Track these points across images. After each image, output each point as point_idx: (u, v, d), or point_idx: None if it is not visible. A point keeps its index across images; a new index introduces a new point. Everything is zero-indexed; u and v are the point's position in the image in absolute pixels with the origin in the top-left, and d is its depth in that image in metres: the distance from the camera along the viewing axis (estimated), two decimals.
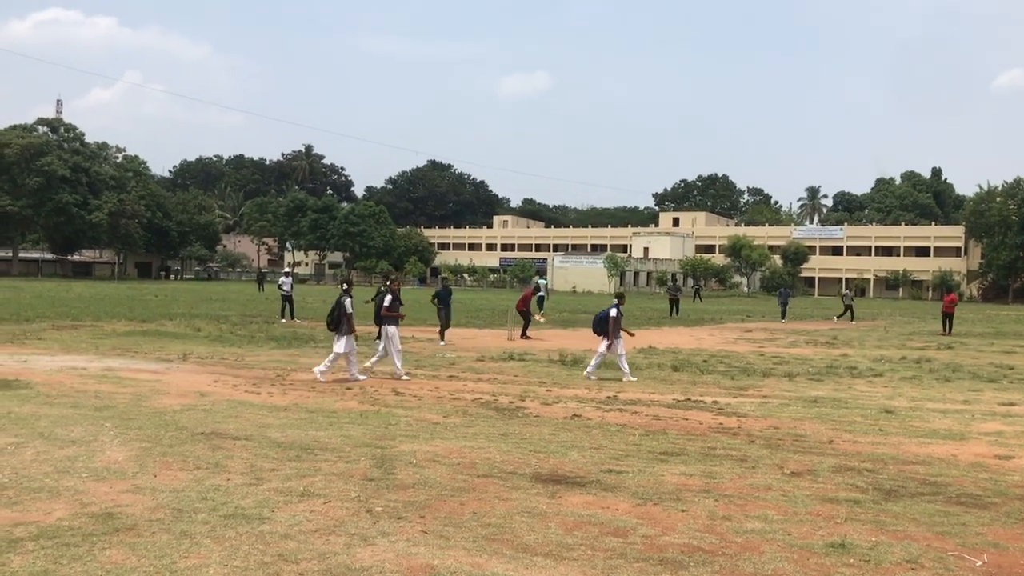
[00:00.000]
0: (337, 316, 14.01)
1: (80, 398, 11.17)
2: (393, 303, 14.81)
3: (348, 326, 13.91)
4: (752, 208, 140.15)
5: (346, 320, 13.93)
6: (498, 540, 5.63)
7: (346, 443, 8.68)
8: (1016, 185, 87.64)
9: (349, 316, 13.98)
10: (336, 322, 14.03)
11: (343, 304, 13.98)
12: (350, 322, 13.96)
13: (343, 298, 14.06)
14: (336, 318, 14.02)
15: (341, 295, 14.16)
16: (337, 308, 14.02)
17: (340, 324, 13.97)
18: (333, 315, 14.09)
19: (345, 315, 13.95)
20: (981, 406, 12.61)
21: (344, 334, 13.91)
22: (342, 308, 13.96)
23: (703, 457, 8.52)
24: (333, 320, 14.08)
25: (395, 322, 14.74)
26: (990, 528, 6.20)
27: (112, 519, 5.84)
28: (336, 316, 14.03)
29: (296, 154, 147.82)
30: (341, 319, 13.96)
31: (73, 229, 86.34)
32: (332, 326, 14.15)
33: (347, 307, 13.99)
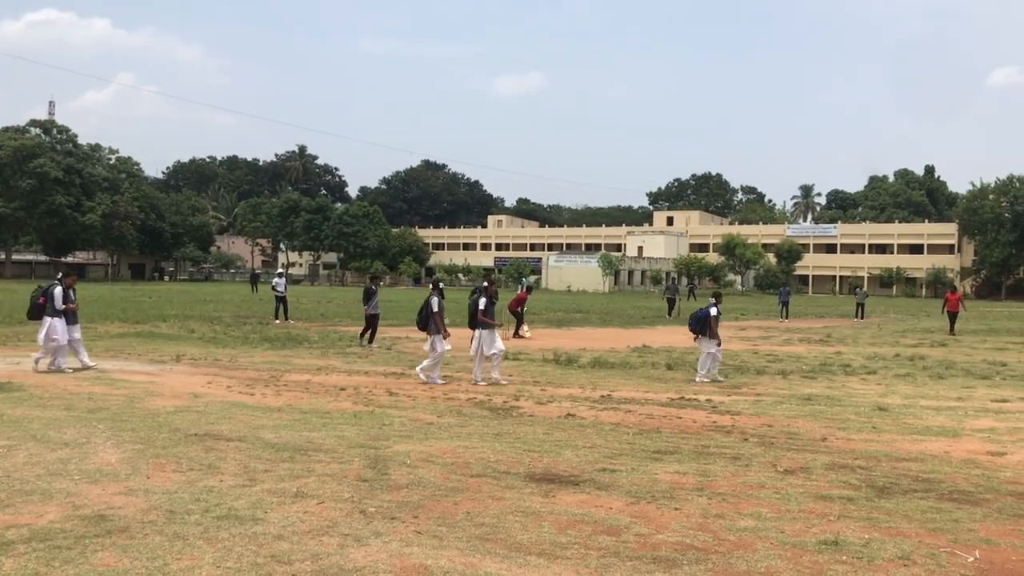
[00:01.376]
0: (425, 315, 13.77)
1: (73, 400, 11.14)
2: (488, 307, 14.08)
3: (436, 325, 13.64)
4: (746, 206, 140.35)
5: (434, 319, 13.64)
6: (492, 540, 5.63)
7: (340, 444, 8.68)
8: (1009, 183, 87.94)
9: (437, 315, 13.68)
10: (425, 321, 13.80)
11: (431, 303, 13.70)
12: (439, 321, 13.68)
13: (432, 297, 13.77)
14: (424, 317, 13.80)
15: (431, 294, 13.89)
16: (425, 307, 13.77)
17: (429, 323, 13.72)
18: (422, 314, 13.86)
19: (433, 314, 13.66)
20: (974, 403, 12.66)
21: (433, 333, 13.66)
22: (429, 307, 13.69)
23: (697, 455, 8.53)
24: (422, 320, 13.86)
25: (489, 326, 14.05)
26: (982, 524, 6.22)
27: (104, 521, 5.83)
28: (424, 315, 13.80)
29: (290, 155, 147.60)
30: (429, 318, 13.70)
31: (66, 231, 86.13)
32: (421, 325, 13.92)
33: (434, 306, 13.68)
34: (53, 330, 14.17)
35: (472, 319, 14.09)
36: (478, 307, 13.95)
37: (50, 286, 14.43)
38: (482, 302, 13.96)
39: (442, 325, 13.72)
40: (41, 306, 14.27)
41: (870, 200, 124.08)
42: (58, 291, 14.25)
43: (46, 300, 14.25)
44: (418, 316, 14.00)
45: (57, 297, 14.22)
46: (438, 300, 13.81)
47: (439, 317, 13.70)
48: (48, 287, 14.44)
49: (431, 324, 13.69)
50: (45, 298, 14.26)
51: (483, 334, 13.87)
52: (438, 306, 13.75)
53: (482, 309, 13.95)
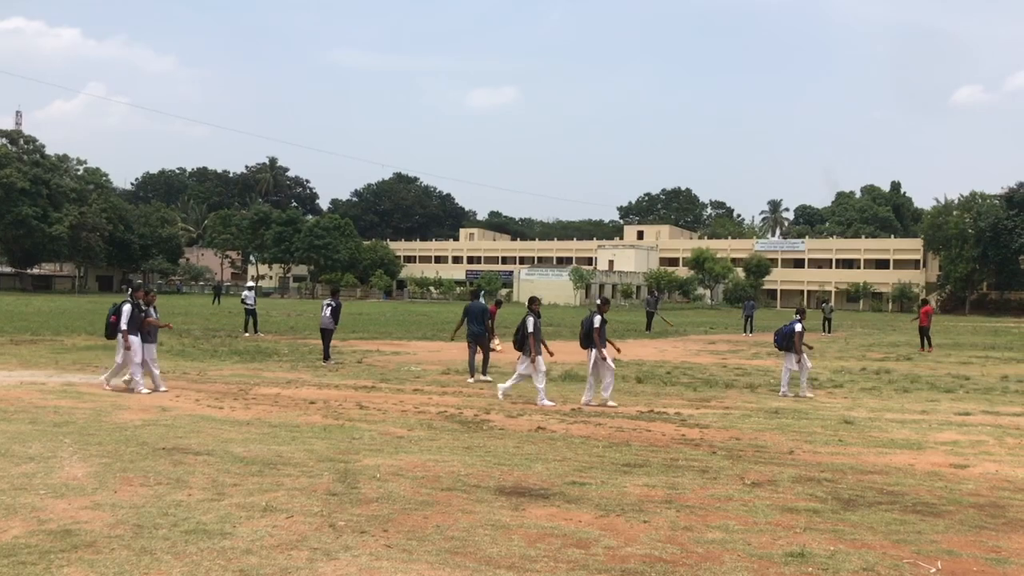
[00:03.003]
0: (522, 336, 13.40)
1: (39, 413, 11.01)
2: (603, 326, 13.49)
3: (532, 347, 13.21)
4: (715, 221, 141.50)
5: (530, 341, 13.23)
6: (461, 553, 5.64)
7: (309, 458, 8.65)
8: (972, 199, 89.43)
9: (532, 336, 13.25)
10: (521, 342, 13.44)
11: (527, 323, 13.33)
12: (534, 343, 13.25)
13: (528, 317, 13.39)
14: (521, 338, 13.42)
15: (527, 314, 13.50)
16: (522, 328, 13.41)
17: (524, 344, 13.37)
18: (518, 335, 13.48)
19: (528, 335, 13.26)
20: (938, 416, 12.84)
21: (527, 355, 13.27)
22: (525, 328, 13.34)
23: (665, 468, 8.59)
24: (518, 340, 13.50)
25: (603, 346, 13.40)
26: (944, 536, 6.32)
27: (70, 536, 5.78)
28: (521, 336, 13.42)
29: (260, 166, 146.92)
30: (525, 339, 13.33)
31: (33, 242, 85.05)
32: (518, 346, 13.56)
33: (530, 326, 13.29)
34: (129, 348, 13.47)
35: (586, 338, 13.49)
36: (593, 326, 13.34)
37: (122, 303, 13.73)
38: (597, 320, 13.36)
39: (535, 346, 13.27)
40: (115, 324, 13.58)
41: (837, 215, 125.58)
42: (126, 308, 13.52)
43: (118, 318, 13.54)
44: (515, 336, 13.59)
45: (124, 315, 13.47)
46: (534, 320, 13.39)
47: (534, 338, 13.26)
48: (120, 303, 13.74)
49: (527, 345, 13.28)
50: (117, 316, 13.55)
51: (596, 353, 13.31)
52: (534, 327, 13.31)
53: (597, 327, 13.32)
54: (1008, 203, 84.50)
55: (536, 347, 13.27)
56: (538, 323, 13.50)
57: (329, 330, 20.07)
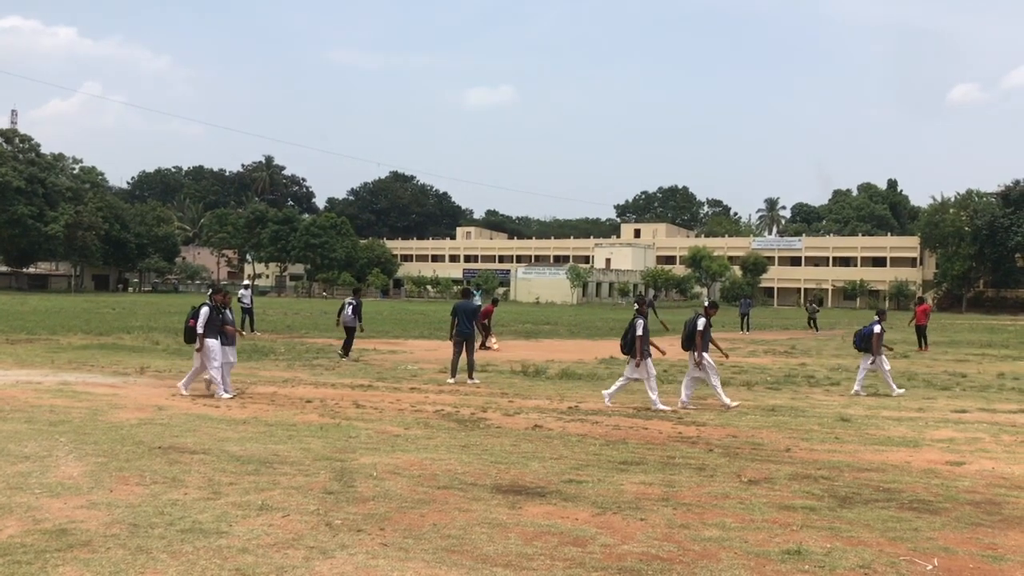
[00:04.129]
0: (631, 339, 13.01)
1: (34, 413, 10.99)
2: (708, 329, 13.22)
3: (639, 350, 12.84)
4: (712, 219, 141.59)
5: (638, 344, 12.86)
6: (458, 551, 5.63)
7: (306, 456, 8.63)
8: (968, 197, 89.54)
9: (641, 339, 12.86)
10: (630, 345, 13.05)
11: (635, 326, 12.95)
12: (642, 346, 12.88)
13: (636, 319, 13.04)
14: (629, 341, 13.04)
15: (634, 316, 13.18)
16: (630, 330, 13.02)
17: (632, 347, 12.99)
18: (626, 338, 13.11)
19: (637, 338, 12.87)
20: (934, 413, 12.85)
21: (638, 357, 12.86)
22: (633, 330, 12.94)
23: (662, 466, 8.59)
24: (627, 343, 13.12)
25: (707, 349, 13.12)
26: (941, 533, 6.33)
27: (66, 535, 5.76)
28: (629, 339, 13.04)
29: (256, 165, 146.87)
30: (634, 343, 12.95)
31: (28, 241, 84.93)
32: (626, 349, 13.19)
33: (638, 329, 12.88)
34: (207, 352, 13.06)
35: (688, 340, 13.23)
36: (696, 328, 13.06)
37: (200, 305, 13.32)
38: (701, 322, 13.06)
39: (643, 350, 12.90)
40: (193, 328, 13.13)
41: (834, 213, 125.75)
42: (204, 311, 13.09)
43: (196, 321, 13.10)
44: (622, 340, 13.25)
45: (201, 318, 13.03)
46: (643, 323, 13.03)
47: (642, 341, 12.90)
48: (199, 306, 13.30)
49: (634, 347, 12.93)
50: (195, 319, 13.10)
51: (704, 355, 13.04)
52: (643, 329, 12.94)
53: (700, 330, 13.05)
54: (1004, 201, 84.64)
55: (645, 350, 12.94)
56: (646, 325, 13.15)
57: (352, 328, 20.59)
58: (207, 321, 13.07)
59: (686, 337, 13.29)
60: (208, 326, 13.08)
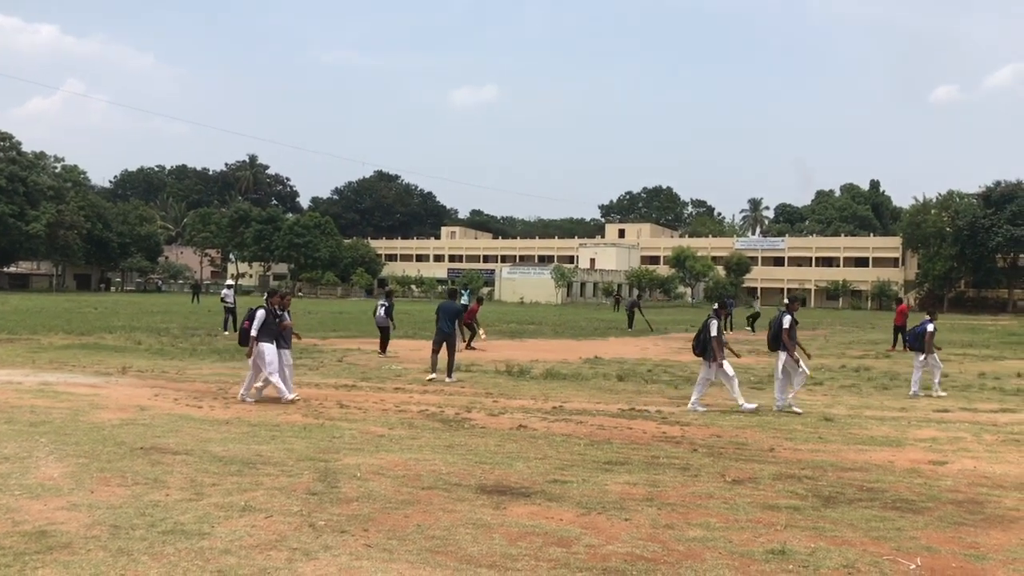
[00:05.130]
0: (703, 340, 12.83)
1: (14, 413, 10.88)
2: (794, 327, 12.87)
3: (714, 352, 12.69)
4: (696, 220, 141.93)
5: (713, 344, 12.71)
6: (442, 552, 5.61)
7: (289, 457, 8.59)
8: (950, 197, 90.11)
9: (716, 340, 12.70)
10: (703, 346, 12.87)
11: (709, 326, 12.81)
12: (717, 347, 12.71)
13: (710, 320, 12.89)
14: (703, 342, 12.85)
15: (709, 316, 13.01)
16: (703, 331, 12.85)
17: (707, 349, 12.81)
18: (699, 339, 12.91)
19: (711, 338, 12.70)
20: (917, 413, 12.93)
21: (710, 360, 12.76)
22: (708, 331, 12.78)
23: (647, 466, 8.59)
24: (699, 344, 12.91)
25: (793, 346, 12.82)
26: (924, 532, 6.36)
27: (46, 537, 5.70)
28: (702, 340, 12.84)
29: (240, 164, 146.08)
30: (708, 344, 12.78)
31: (9, 240, 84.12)
32: (698, 350, 12.97)
33: (712, 330, 12.73)
34: (261, 356, 12.70)
35: (775, 340, 12.99)
36: (782, 327, 12.83)
37: (256, 308, 12.95)
38: (787, 320, 12.80)
39: (720, 351, 12.78)
40: (248, 331, 12.79)
41: (817, 214, 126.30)
42: (260, 314, 12.73)
43: (251, 323, 12.75)
44: (695, 340, 13.06)
45: (257, 321, 12.69)
46: (717, 324, 12.89)
47: (717, 342, 12.74)
48: (255, 309, 12.94)
49: (709, 349, 12.78)
50: (251, 322, 12.76)
51: (787, 357, 12.76)
52: (716, 330, 12.80)
53: (786, 328, 12.81)
54: (985, 202, 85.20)
55: (720, 352, 12.79)
56: (721, 326, 13.02)
57: (385, 327, 21.70)
58: (262, 324, 12.71)
59: (772, 337, 13.03)
60: (263, 329, 12.71)
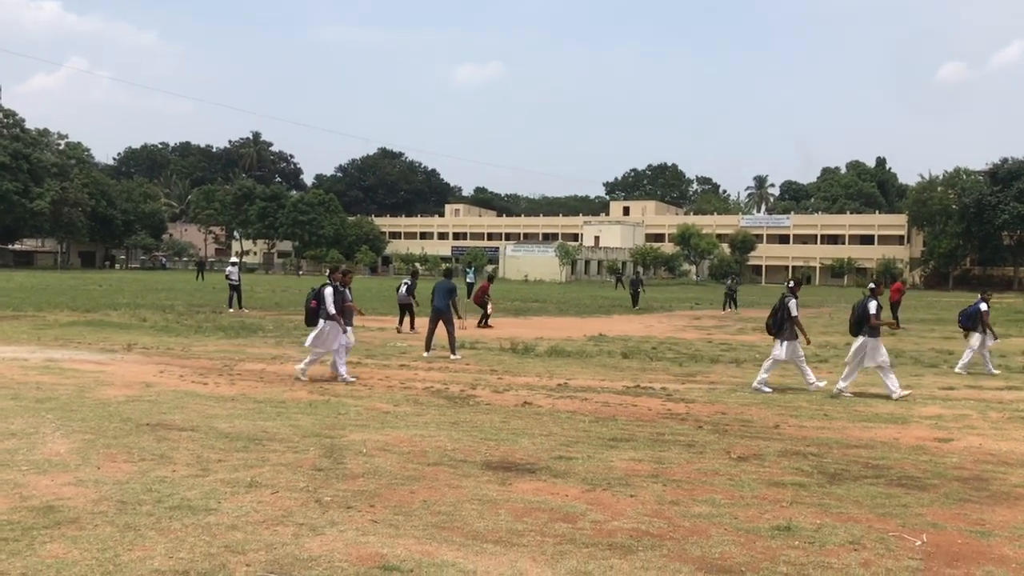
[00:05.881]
0: (780, 319, 12.65)
1: (21, 390, 10.91)
2: (880, 310, 12.40)
3: (791, 330, 12.57)
4: (701, 197, 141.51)
5: (790, 323, 12.55)
6: (448, 528, 5.62)
7: (295, 433, 8.61)
8: (956, 175, 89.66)
9: (795, 319, 12.57)
10: (779, 325, 12.69)
11: (787, 306, 12.59)
12: (794, 325, 12.58)
13: (787, 299, 12.63)
14: (779, 320, 12.67)
15: (784, 295, 12.76)
16: (781, 309, 12.66)
17: (783, 327, 12.64)
18: (776, 317, 12.71)
19: (790, 318, 12.55)
20: (922, 390, 12.92)
21: (786, 339, 12.57)
22: (787, 310, 12.60)
23: (652, 443, 8.60)
24: (775, 323, 12.73)
25: (876, 332, 12.31)
26: (929, 509, 6.36)
27: (53, 512, 5.72)
28: (779, 318, 12.67)
29: (244, 141, 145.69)
30: (784, 322, 12.61)
31: (13, 217, 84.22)
32: (773, 330, 12.82)
33: (792, 309, 12.57)
34: (324, 335, 12.61)
35: (859, 324, 12.42)
36: (868, 312, 12.29)
37: (322, 286, 12.79)
38: (872, 305, 12.32)
39: (803, 331, 12.76)
40: (315, 310, 12.68)
41: (822, 191, 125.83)
42: (328, 292, 12.58)
43: (319, 303, 12.66)
44: (770, 319, 12.88)
45: (327, 299, 12.56)
46: (796, 303, 12.69)
47: (797, 322, 12.62)
48: (320, 287, 12.79)
49: (785, 328, 12.62)
50: (317, 301, 12.67)
51: (870, 341, 12.29)
52: (796, 309, 12.63)
53: (873, 313, 12.26)
54: (992, 179, 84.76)
55: (802, 332, 12.73)
56: (798, 304, 12.77)
57: (406, 304, 21.91)
58: (334, 301, 12.60)
59: (855, 321, 12.54)
60: (335, 306, 12.61)
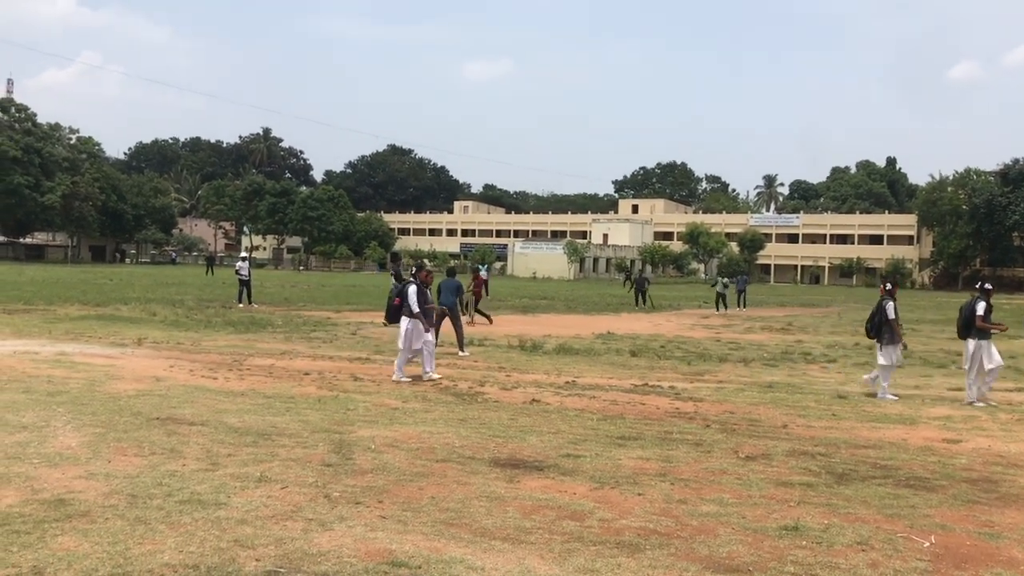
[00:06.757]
0: (878, 322, 12.29)
1: (32, 383, 10.97)
2: (988, 312, 11.94)
3: (891, 334, 12.16)
4: (710, 195, 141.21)
5: (888, 327, 12.17)
6: (456, 524, 5.64)
7: (304, 428, 8.64)
8: (966, 175, 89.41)
9: (892, 322, 12.15)
10: (877, 329, 12.34)
11: (885, 309, 12.24)
12: (894, 329, 12.17)
13: (884, 301, 12.31)
14: (877, 324, 12.32)
15: (883, 298, 12.46)
16: (878, 313, 12.31)
17: (882, 331, 12.28)
18: (873, 321, 12.40)
19: (888, 321, 12.15)
20: (931, 391, 12.89)
21: (887, 344, 12.15)
22: (884, 313, 12.24)
23: (660, 441, 8.60)
24: (874, 327, 12.40)
25: (987, 335, 11.84)
26: (938, 510, 6.35)
27: (64, 505, 5.76)
28: (877, 322, 12.31)
29: (254, 137, 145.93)
30: (883, 325, 12.25)
31: (25, 211, 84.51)
32: (873, 333, 12.46)
33: (889, 312, 12.18)
34: (408, 334, 12.57)
35: (967, 327, 11.96)
36: (975, 313, 11.82)
37: (405, 284, 12.87)
38: (981, 307, 11.83)
39: (899, 332, 12.29)
40: (399, 308, 12.72)
41: (832, 191, 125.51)
42: (412, 290, 12.61)
43: (402, 301, 12.70)
44: (868, 323, 12.58)
45: (411, 297, 12.57)
46: (894, 306, 12.32)
47: (895, 324, 12.21)
48: (403, 286, 12.87)
49: (884, 331, 12.24)
50: (401, 298, 12.73)
51: (983, 344, 11.80)
52: (894, 312, 12.27)
53: (980, 315, 11.81)
54: (1003, 180, 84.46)
55: (900, 334, 12.30)
56: (897, 308, 12.43)
57: None
58: (418, 299, 12.61)
59: (963, 324, 12.08)
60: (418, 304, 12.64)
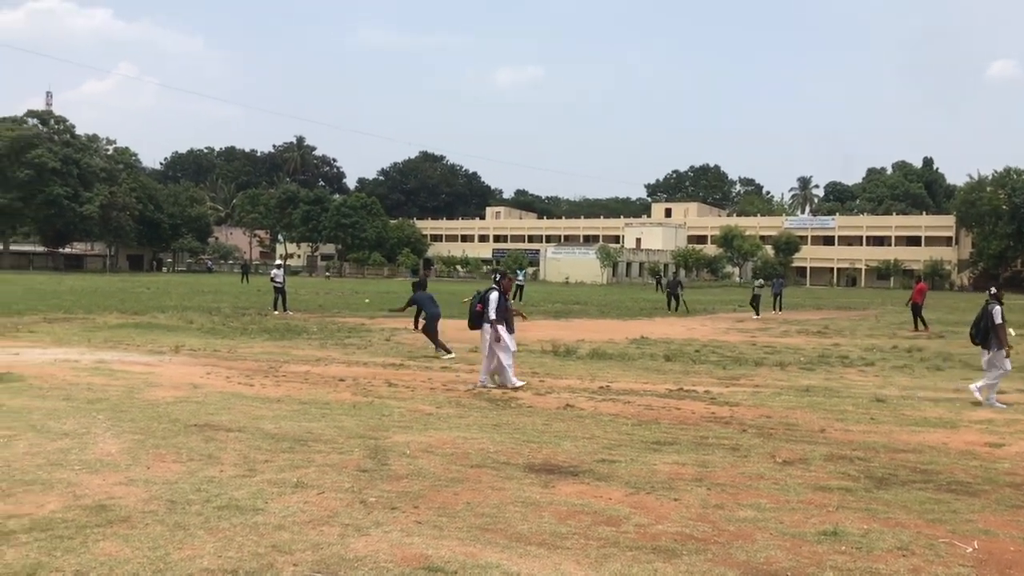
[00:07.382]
0: (984, 327, 11.97)
1: (72, 391, 11.13)
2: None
3: (998, 339, 11.78)
4: (744, 198, 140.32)
5: (995, 331, 11.80)
6: (492, 530, 5.64)
7: (339, 434, 8.68)
8: (1006, 175, 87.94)
9: (999, 327, 11.81)
10: (983, 334, 12.01)
11: (991, 314, 11.91)
12: (1000, 334, 11.79)
13: (990, 306, 11.97)
14: (983, 329, 11.99)
15: (988, 302, 12.07)
16: (984, 318, 11.98)
17: (988, 337, 11.92)
18: (979, 326, 12.06)
19: (994, 326, 11.82)
20: (972, 395, 12.65)
21: (995, 349, 11.81)
22: (990, 318, 11.90)
23: (695, 446, 8.54)
24: (979, 332, 12.06)
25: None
26: (980, 515, 6.24)
27: (105, 511, 5.84)
28: (984, 327, 11.98)
29: (287, 146, 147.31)
30: (989, 331, 11.91)
31: (64, 222, 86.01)
32: (978, 339, 12.12)
33: (996, 316, 11.83)
34: (486, 342, 12.61)
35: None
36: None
37: (487, 291, 12.88)
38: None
39: (1005, 339, 11.85)
40: (480, 313, 12.77)
41: (868, 192, 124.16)
42: (494, 296, 12.63)
43: (484, 306, 12.72)
44: (973, 328, 12.24)
45: (491, 304, 12.59)
46: (1000, 311, 11.92)
47: (1002, 330, 11.83)
48: (485, 292, 12.92)
49: (992, 337, 11.87)
50: (483, 304, 12.76)
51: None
52: (1001, 317, 11.88)
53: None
54: None
55: (1005, 340, 11.88)
56: (1003, 311, 12.01)
57: None
58: (497, 307, 12.63)
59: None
60: (497, 312, 12.63)
